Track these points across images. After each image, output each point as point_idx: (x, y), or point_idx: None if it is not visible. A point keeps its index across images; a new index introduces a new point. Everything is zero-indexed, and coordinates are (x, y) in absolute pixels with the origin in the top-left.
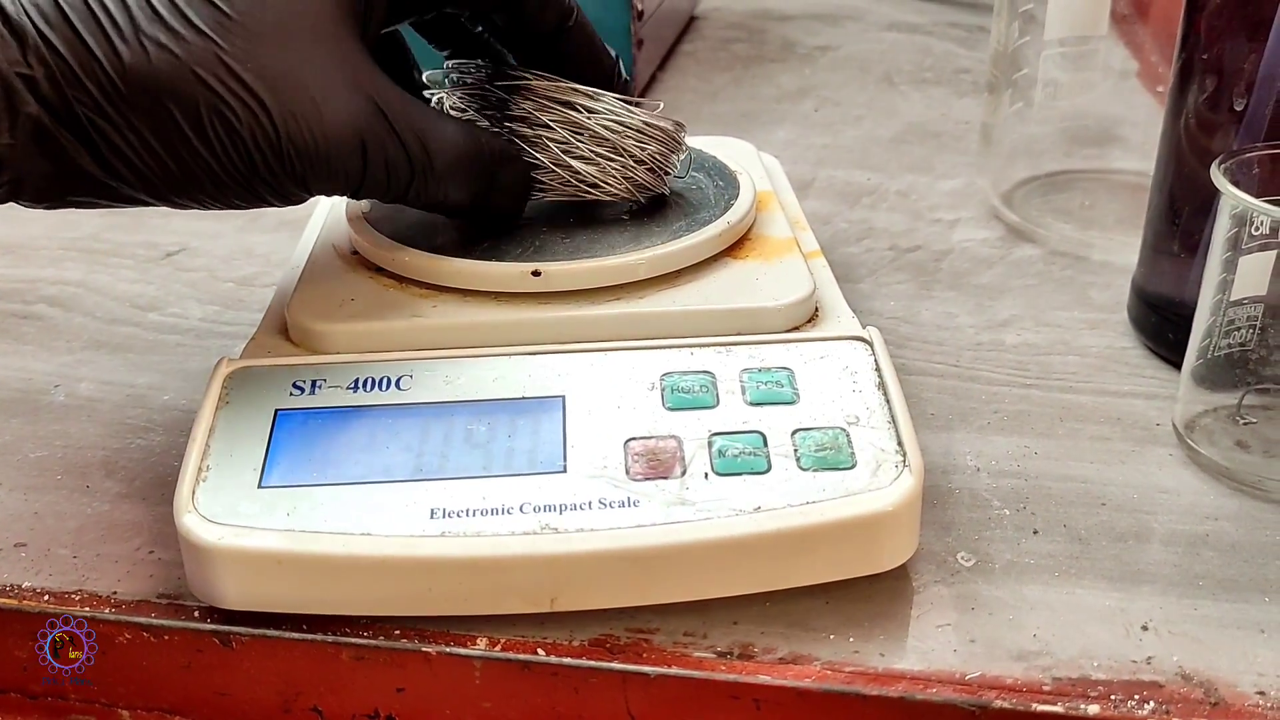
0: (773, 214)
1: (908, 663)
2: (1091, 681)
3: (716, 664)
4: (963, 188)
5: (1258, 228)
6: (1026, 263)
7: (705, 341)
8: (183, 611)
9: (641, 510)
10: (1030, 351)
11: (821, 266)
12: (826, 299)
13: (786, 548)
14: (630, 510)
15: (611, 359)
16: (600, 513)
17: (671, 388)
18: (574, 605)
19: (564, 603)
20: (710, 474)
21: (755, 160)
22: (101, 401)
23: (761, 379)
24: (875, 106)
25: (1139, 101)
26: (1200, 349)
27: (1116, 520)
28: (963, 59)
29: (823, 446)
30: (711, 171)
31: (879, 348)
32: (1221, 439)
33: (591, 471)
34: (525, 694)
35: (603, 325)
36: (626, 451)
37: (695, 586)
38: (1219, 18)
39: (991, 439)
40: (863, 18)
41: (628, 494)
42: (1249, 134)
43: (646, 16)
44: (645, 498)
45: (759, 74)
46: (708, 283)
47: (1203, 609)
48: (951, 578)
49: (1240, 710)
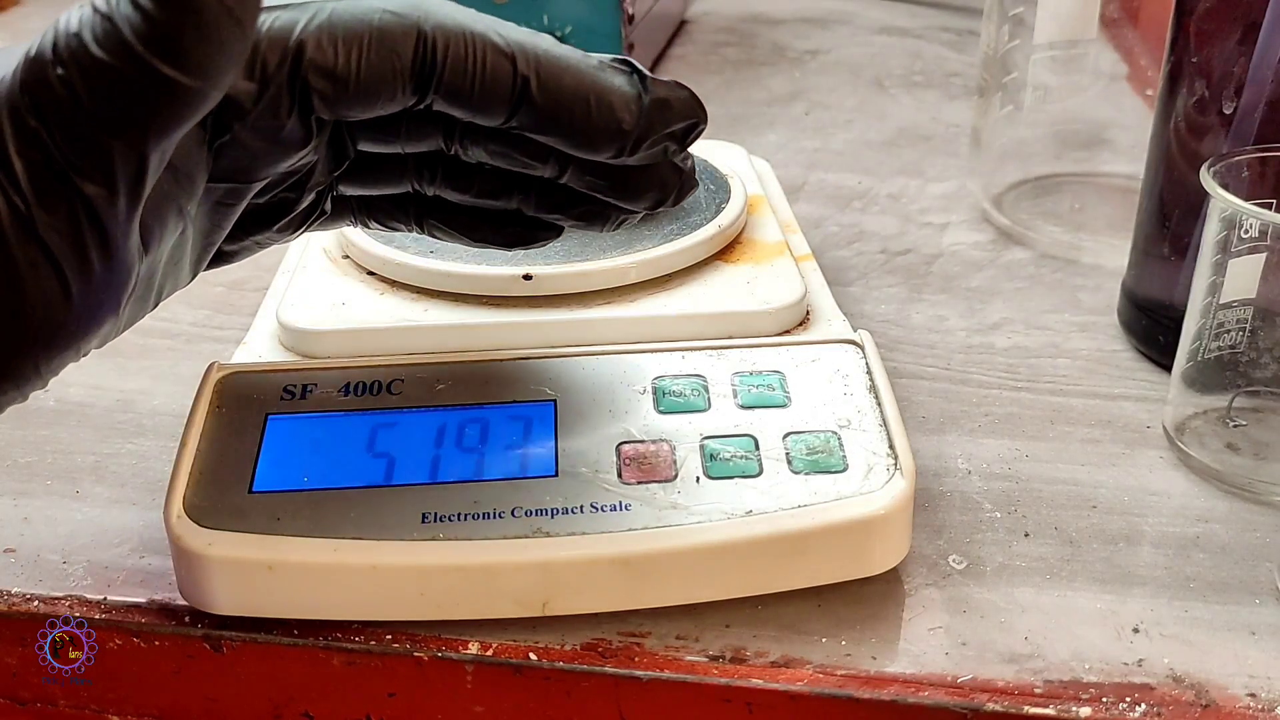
0: (764, 218)
1: (899, 666)
2: (1083, 684)
3: (709, 668)
4: (953, 191)
5: (1247, 230)
6: (1017, 266)
7: (696, 345)
8: (173, 617)
9: (633, 514)
10: (1021, 354)
11: (813, 270)
12: (818, 303)
13: (778, 551)
14: (622, 514)
15: (603, 363)
16: (592, 516)
17: (663, 391)
18: (566, 609)
19: (556, 607)
20: (702, 477)
21: (746, 164)
22: (92, 406)
23: (753, 382)
24: (866, 110)
25: (1129, 105)
26: (1190, 351)
27: (1107, 523)
28: (953, 62)
29: (814, 450)
30: (703, 175)
31: (870, 351)
32: (1212, 441)
33: (583, 475)
34: (517, 698)
35: (594, 329)
36: (618, 455)
37: (687, 590)
38: (1208, 21)
39: (982, 442)
40: (853, 21)
41: (619, 498)
42: (1238, 137)
43: (637, 20)
44: (637, 501)
45: (749, 78)
46: (699, 287)
47: (1194, 611)
48: (943, 581)
49: (1231, 712)
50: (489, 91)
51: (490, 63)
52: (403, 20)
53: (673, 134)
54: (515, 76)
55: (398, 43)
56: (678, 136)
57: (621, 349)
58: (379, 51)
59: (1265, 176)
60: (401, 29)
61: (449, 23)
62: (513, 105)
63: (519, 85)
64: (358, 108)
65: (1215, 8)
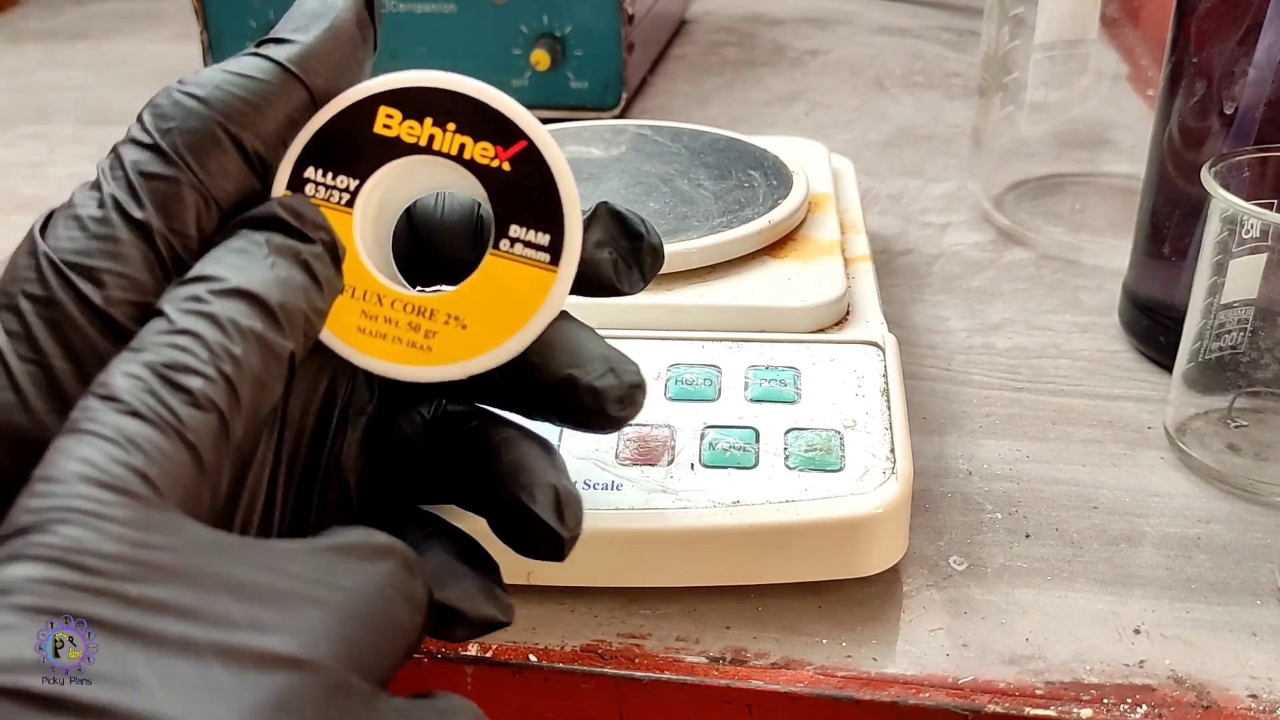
0: (825, 216)
1: (900, 667)
2: (1084, 685)
3: (709, 669)
4: (954, 191)
5: (1248, 231)
6: (1017, 266)
7: (717, 336)
8: None
9: (623, 494)
10: (1022, 355)
11: (865, 271)
12: (860, 303)
13: (761, 543)
14: (612, 493)
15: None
16: (583, 493)
17: (676, 379)
18: (549, 580)
19: (540, 577)
20: (697, 465)
21: (823, 162)
22: None
23: (765, 376)
24: (866, 110)
25: (1129, 105)
26: (1191, 352)
27: (1108, 523)
28: (953, 63)
29: (813, 447)
30: (768, 170)
31: (891, 354)
32: (1213, 442)
33: (583, 453)
34: (517, 699)
35: (625, 314)
36: (620, 436)
37: (669, 573)
38: (1209, 21)
39: (983, 443)
40: (853, 21)
41: (613, 477)
42: (1239, 137)
43: (637, 20)
44: (629, 482)
45: (750, 78)
46: (740, 280)
47: (1195, 612)
48: (944, 582)
49: (1232, 713)
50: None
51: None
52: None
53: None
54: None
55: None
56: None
57: (643, 334)
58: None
59: (1266, 176)
60: None
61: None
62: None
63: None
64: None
65: (1216, 8)
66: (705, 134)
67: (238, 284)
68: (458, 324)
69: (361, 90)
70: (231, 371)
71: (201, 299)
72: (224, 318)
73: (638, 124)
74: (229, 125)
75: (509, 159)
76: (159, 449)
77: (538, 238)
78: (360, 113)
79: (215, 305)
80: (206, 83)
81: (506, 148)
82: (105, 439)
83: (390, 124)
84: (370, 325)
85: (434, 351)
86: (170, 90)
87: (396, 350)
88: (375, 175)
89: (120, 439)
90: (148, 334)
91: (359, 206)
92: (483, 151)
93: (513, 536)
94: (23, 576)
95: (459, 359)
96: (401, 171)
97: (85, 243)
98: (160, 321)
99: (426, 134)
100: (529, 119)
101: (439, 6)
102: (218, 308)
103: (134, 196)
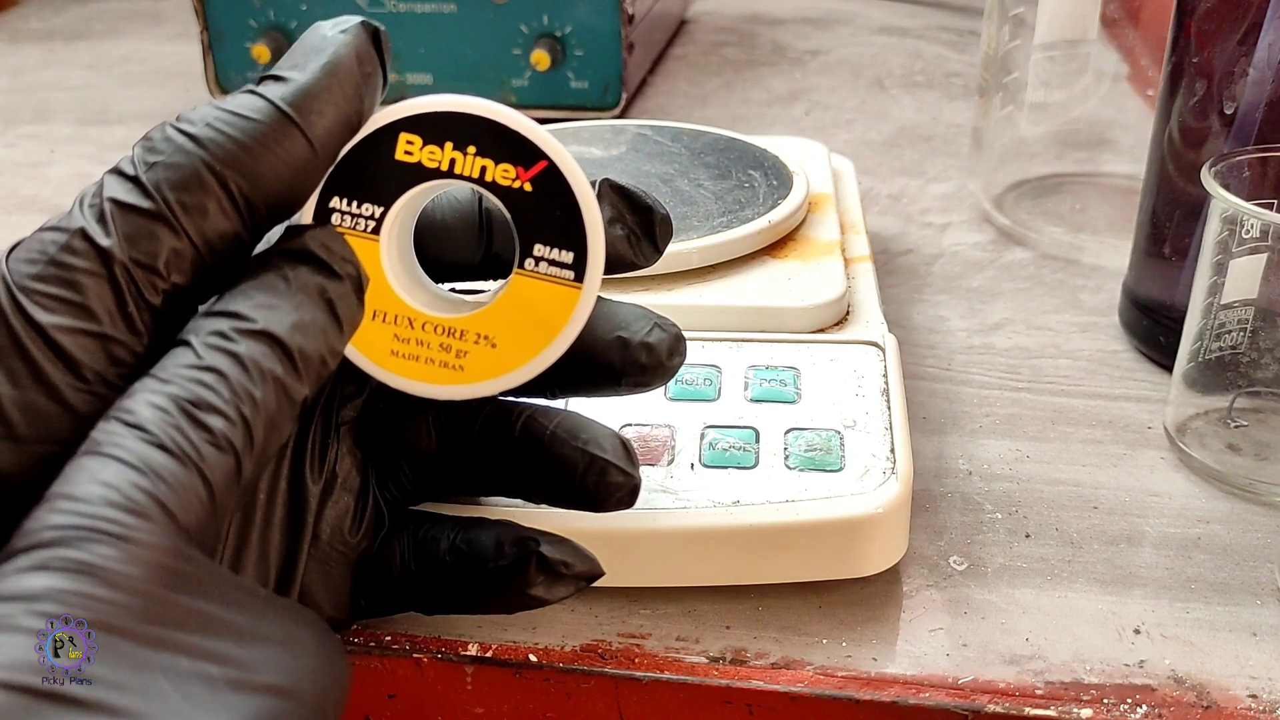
0: (825, 216)
1: (900, 667)
2: (1084, 685)
3: (709, 669)
4: (954, 191)
5: (1248, 231)
6: (1018, 266)
7: (718, 336)
8: None
9: None
10: (1022, 355)
11: (866, 271)
12: (860, 303)
13: (760, 543)
14: None
15: None
16: None
17: (676, 378)
18: None
19: None
20: (697, 465)
21: (823, 162)
22: None
23: (766, 376)
24: (866, 110)
25: (1129, 105)
26: (1191, 352)
27: (1108, 524)
28: (953, 63)
29: (813, 447)
30: (768, 170)
31: (891, 354)
32: (1213, 442)
33: None
34: (517, 699)
35: None
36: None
37: (669, 573)
38: (1209, 21)
39: (983, 443)
40: (853, 21)
41: None
42: (1239, 137)
43: (637, 20)
44: None
45: (750, 78)
46: (740, 280)
47: (1195, 612)
48: (944, 582)
49: (1233, 713)
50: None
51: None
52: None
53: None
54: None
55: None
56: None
57: None
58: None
59: (1266, 176)
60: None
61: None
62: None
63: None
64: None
65: (1216, 8)
66: (705, 134)
67: (264, 326)
68: (488, 343)
69: (381, 118)
70: (250, 413)
71: (229, 336)
72: (248, 359)
73: (638, 124)
74: (215, 165)
75: (530, 179)
76: (180, 482)
77: (562, 255)
78: (381, 141)
79: (241, 346)
80: (199, 120)
81: (528, 168)
82: (130, 465)
83: (411, 150)
84: (403, 348)
85: (466, 371)
86: (165, 125)
87: (430, 371)
88: (399, 201)
89: (144, 467)
90: (173, 365)
91: (385, 233)
92: (504, 173)
93: (585, 493)
94: (49, 586)
95: (491, 376)
96: (425, 196)
97: (43, 268)
98: (187, 354)
99: (448, 158)
100: (548, 139)
101: (439, 6)
102: (243, 348)
103: (103, 225)
